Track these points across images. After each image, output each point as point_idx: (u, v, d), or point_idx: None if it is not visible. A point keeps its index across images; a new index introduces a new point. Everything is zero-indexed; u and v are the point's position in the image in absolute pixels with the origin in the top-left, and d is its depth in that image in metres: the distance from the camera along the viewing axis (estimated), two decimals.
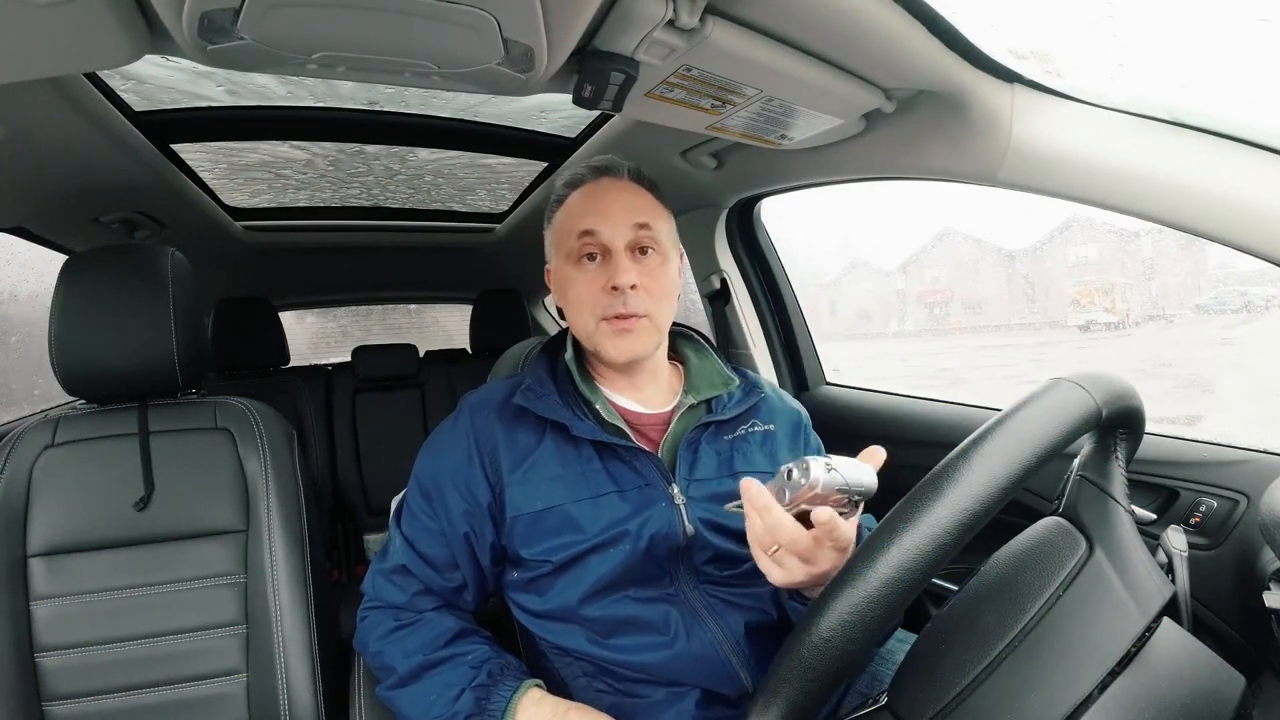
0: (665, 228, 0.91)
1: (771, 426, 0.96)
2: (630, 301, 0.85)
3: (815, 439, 1.03)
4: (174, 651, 1.03)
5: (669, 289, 0.91)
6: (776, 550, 0.67)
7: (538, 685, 0.82)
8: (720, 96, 0.87)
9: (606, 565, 0.83)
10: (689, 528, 0.84)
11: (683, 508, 0.85)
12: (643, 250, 0.88)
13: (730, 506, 0.72)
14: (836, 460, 0.65)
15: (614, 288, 0.85)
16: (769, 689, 0.48)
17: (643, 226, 0.87)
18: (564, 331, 0.98)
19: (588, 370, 0.95)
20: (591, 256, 0.88)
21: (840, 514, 0.65)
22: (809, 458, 0.64)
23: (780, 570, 0.67)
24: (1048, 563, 0.56)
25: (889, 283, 3.78)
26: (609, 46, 0.75)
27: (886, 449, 0.69)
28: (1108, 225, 2.56)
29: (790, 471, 0.65)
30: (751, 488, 0.67)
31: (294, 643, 1.05)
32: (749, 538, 0.69)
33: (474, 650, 0.84)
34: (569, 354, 0.93)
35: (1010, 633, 0.51)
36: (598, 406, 0.88)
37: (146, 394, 1.12)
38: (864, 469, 0.66)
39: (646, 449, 0.87)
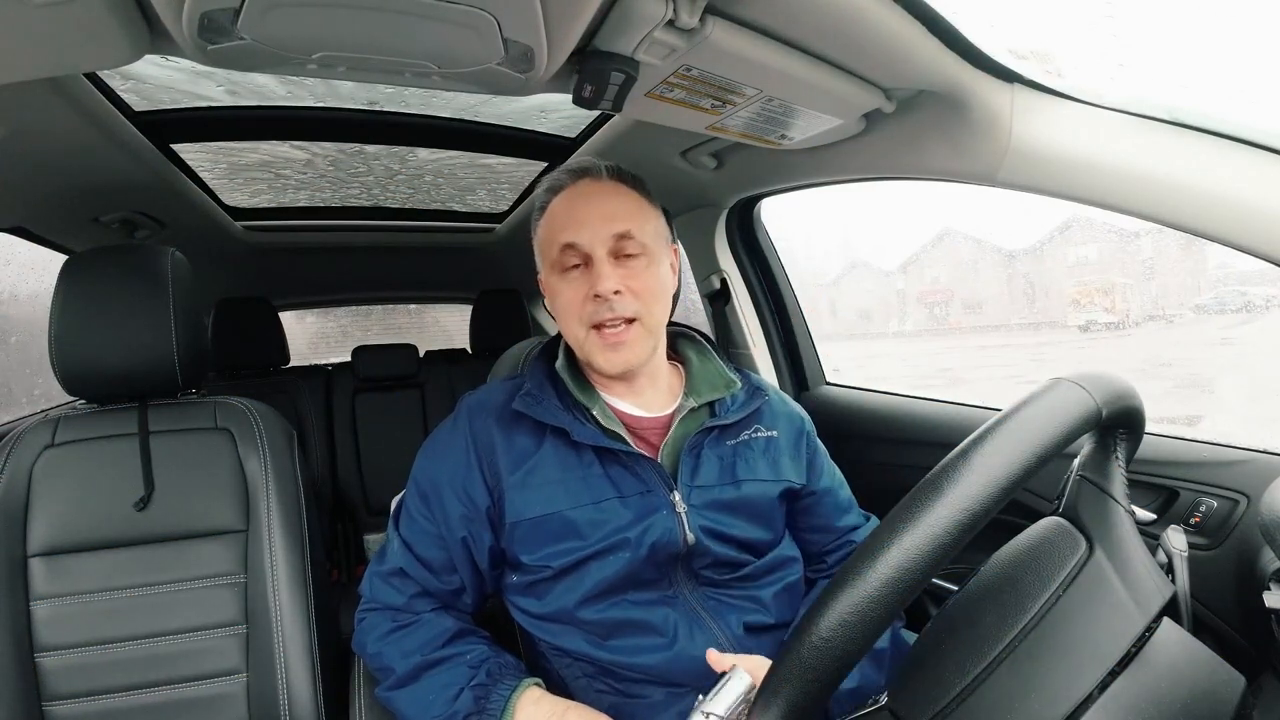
0: (650, 227, 0.89)
1: (775, 433, 0.95)
2: (616, 306, 0.84)
3: (821, 449, 1.03)
4: (174, 651, 1.03)
5: (658, 290, 0.88)
6: None
7: (537, 684, 0.82)
8: (720, 96, 0.87)
9: (606, 571, 0.83)
10: (689, 536, 0.84)
11: (683, 515, 0.84)
12: (627, 255, 0.86)
13: None
14: (712, 702, 0.65)
15: (597, 295, 0.84)
16: (769, 689, 0.48)
17: (623, 236, 0.85)
18: (557, 337, 0.97)
19: (583, 375, 0.93)
20: (576, 265, 0.87)
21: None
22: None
23: None
24: (1048, 563, 0.56)
25: (889, 283, 3.78)
26: (609, 46, 0.75)
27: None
28: (1108, 225, 2.56)
29: None
30: None
31: (294, 643, 1.05)
32: None
33: (472, 650, 0.84)
34: (560, 362, 0.92)
35: (1010, 633, 0.51)
36: (595, 412, 0.87)
37: (146, 394, 1.12)
38: (734, 686, 0.65)
39: (647, 454, 0.87)
